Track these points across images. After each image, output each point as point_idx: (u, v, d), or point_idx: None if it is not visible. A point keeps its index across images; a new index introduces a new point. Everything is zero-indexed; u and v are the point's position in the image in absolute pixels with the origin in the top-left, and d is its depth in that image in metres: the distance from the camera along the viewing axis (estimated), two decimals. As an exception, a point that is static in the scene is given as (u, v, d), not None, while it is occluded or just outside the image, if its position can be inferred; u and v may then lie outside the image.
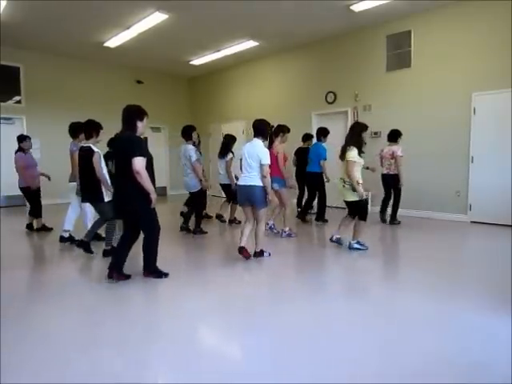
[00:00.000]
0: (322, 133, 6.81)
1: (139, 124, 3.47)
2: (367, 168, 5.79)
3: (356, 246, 4.69)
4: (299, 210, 7.22)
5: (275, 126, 5.60)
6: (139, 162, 3.30)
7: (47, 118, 9.48)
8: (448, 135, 6.82)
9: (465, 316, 2.81)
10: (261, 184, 4.12)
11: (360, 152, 4.50)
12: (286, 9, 6.78)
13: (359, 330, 2.60)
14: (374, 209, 7.79)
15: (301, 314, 2.89)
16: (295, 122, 8.54)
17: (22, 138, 6.03)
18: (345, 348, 2.35)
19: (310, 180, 6.82)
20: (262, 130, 4.28)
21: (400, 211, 7.39)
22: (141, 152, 3.35)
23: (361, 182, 4.47)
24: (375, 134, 7.78)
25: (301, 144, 7.40)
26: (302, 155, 7.23)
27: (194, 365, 2.17)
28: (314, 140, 7.19)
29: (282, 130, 5.58)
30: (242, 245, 4.27)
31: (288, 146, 7.50)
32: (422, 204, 7.20)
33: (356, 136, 4.54)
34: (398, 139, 6.48)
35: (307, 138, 7.33)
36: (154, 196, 3.41)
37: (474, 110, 6.51)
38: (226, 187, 6.55)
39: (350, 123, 8.21)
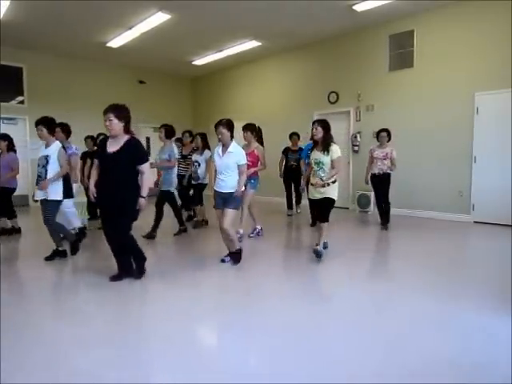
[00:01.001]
0: None
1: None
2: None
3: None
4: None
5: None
6: (148, 166, 3.52)
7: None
8: (451, 135, 6.80)
9: (465, 316, 2.80)
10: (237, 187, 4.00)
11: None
12: (288, 9, 6.78)
13: (359, 329, 2.59)
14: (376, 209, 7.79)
15: (298, 313, 2.88)
16: (297, 121, 8.55)
17: None
18: (344, 348, 2.35)
19: None
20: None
21: (402, 211, 7.41)
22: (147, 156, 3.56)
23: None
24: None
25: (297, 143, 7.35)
26: (288, 154, 7.31)
27: (192, 365, 2.17)
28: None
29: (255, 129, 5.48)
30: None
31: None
32: (424, 204, 7.17)
33: (330, 132, 4.30)
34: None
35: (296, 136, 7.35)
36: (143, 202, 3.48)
37: (477, 109, 6.49)
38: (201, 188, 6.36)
39: (352, 123, 8.24)
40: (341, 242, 5.29)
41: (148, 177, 3.49)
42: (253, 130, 5.43)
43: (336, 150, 4.18)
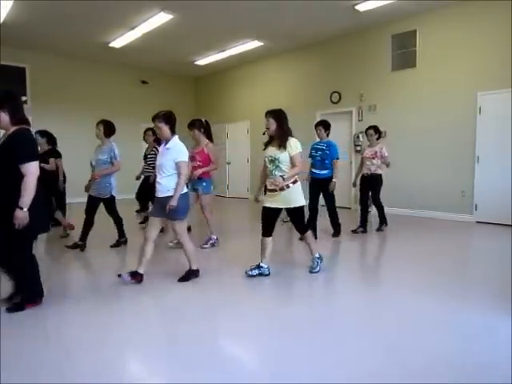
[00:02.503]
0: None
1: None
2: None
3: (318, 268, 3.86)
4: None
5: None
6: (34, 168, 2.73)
7: (53, 119, 9.52)
8: (453, 135, 6.79)
9: (466, 316, 2.79)
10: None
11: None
12: (290, 9, 6.78)
13: (359, 329, 2.59)
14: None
15: (299, 313, 2.88)
16: (300, 122, 8.52)
17: None
18: (345, 348, 2.35)
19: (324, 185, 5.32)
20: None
21: (405, 211, 7.40)
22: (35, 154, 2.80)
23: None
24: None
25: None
26: None
27: (192, 365, 2.18)
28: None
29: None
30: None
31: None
32: (427, 204, 7.16)
33: (286, 124, 3.64)
34: (381, 137, 6.00)
35: None
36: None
37: (480, 109, 6.48)
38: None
39: (354, 123, 8.23)
40: (341, 241, 5.29)
41: (31, 181, 2.67)
42: (200, 127, 4.85)
43: (295, 145, 3.55)
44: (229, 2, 6.46)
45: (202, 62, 10.26)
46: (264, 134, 3.73)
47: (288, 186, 3.53)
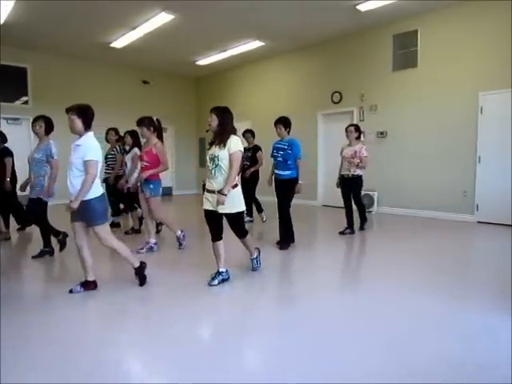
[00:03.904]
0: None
1: None
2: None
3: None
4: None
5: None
6: None
7: (54, 119, 9.52)
8: (455, 135, 6.77)
9: (466, 316, 2.79)
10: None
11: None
12: (292, 9, 6.77)
13: (360, 329, 2.59)
14: (380, 209, 7.78)
15: (298, 313, 2.88)
16: (301, 122, 8.53)
17: None
18: (345, 348, 2.34)
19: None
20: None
21: (406, 211, 7.39)
22: None
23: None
24: (381, 134, 7.76)
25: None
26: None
27: (191, 365, 2.18)
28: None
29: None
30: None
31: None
32: (428, 204, 7.15)
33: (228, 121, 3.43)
34: (361, 137, 5.84)
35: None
36: None
37: (481, 109, 6.46)
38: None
39: (355, 123, 8.20)
40: (340, 241, 5.29)
41: None
42: (149, 125, 4.56)
43: (235, 143, 3.32)
44: (230, 2, 6.46)
45: (204, 62, 10.27)
46: (207, 131, 3.53)
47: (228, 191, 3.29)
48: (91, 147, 3.12)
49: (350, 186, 5.59)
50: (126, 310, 3.00)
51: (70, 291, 3.28)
